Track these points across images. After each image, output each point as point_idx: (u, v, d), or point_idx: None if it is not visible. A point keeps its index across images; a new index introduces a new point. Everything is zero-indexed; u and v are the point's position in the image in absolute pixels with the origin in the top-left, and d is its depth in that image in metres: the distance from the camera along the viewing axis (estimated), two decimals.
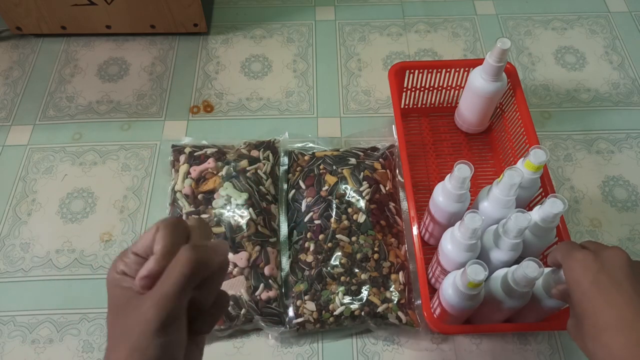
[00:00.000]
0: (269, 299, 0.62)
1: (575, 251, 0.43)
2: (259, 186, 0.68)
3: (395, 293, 0.62)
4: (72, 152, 0.79)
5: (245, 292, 0.62)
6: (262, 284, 0.62)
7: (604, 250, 0.42)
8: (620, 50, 0.90)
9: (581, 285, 0.41)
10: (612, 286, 0.39)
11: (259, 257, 0.64)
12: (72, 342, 0.64)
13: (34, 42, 0.91)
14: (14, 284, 0.68)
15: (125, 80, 0.86)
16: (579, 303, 0.41)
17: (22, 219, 0.73)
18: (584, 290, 0.40)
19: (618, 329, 0.37)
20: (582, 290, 0.40)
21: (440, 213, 0.61)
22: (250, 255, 0.64)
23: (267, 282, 0.63)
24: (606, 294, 0.39)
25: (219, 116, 0.82)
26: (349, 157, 0.72)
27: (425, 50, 0.90)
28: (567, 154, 0.78)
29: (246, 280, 0.62)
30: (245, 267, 0.63)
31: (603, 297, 0.39)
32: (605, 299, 0.39)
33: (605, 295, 0.39)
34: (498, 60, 0.66)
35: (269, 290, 0.62)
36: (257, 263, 0.64)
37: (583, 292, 0.40)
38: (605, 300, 0.39)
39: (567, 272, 0.43)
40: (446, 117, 0.80)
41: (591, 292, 0.40)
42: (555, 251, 0.47)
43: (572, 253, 0.43)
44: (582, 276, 0.41)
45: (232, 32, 0.92)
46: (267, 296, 0.62)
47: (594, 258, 0.41)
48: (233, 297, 0.61)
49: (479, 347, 0.63)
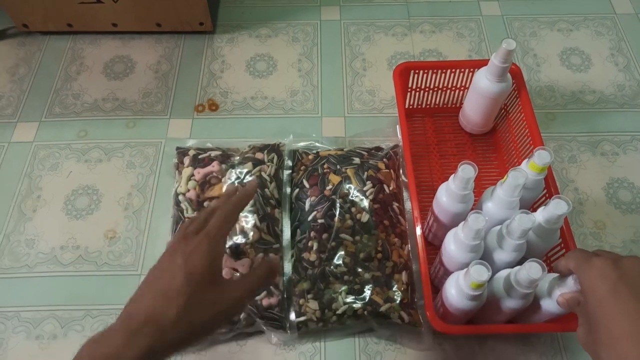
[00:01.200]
0: (270, 305, 0.62)
1: (593, 258, 0.43)
2: (263, 189, 0.68)
3: (398, 293, 0.62)
4: (77, 149, 0.79)
5: None
6: (264, 291, 0.62)
7: (622, 259, 0.42)
8: (626, 52, 0.89)
9: (598, 293, 0.40)
10: (631, 296, 0.39)
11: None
12: (76, 338, 0.64)
13: (41, 40, 0.91)
14: (18, 280, 0.68)
15: (131, 78, 0.87)
16: (595, 311, 0.40)
17: (27, 216, 0.73)
18: (601, 298, 0.40)
19: (636, 339, 0.37)
20: (598, 298, 0.40)
21: (444, 213, 0.61)
22: (252, 262, 0.63)
23: (268, 289, 0.63)
24: (624, 303, 0.39)
25: (224, 115, 0.83)
26: (353, 156, 0.72)
27: (430, 51, 0.90)
28: (572, 156, 0.78)
29: None
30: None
31: (621, 306, 0.39)
32: (624, 307, 0.39)
33: (623, 304, 0.39)
34: (503, 61, 0.65)
35: (271, 297, 0.62)
36: None
37: (599, 300, 0.40)
38: (624, 309, 0.39)
39: (583, 279, 0.42)
40: (450, 117, 0.80)
41: (609, 301, 0.39)
42: (567, 259, 0.46)
43: (590, 260, 0.43)
44: (600, 284, 0.40)
45: (237, 31, 0.93)
46: (268, 303, 0.62)
47: (613, 266, 0.41)
48: None
49: (481, 348, 0.63)
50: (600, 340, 0.40)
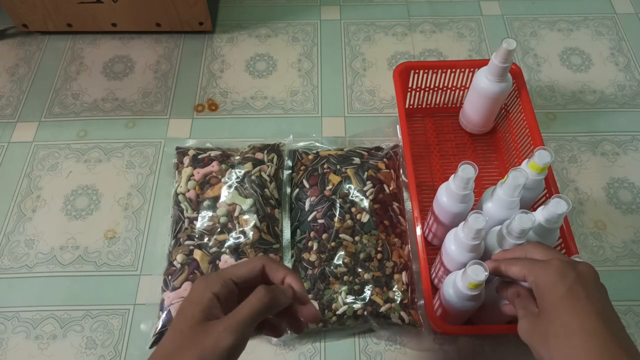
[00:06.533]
0: None
1: (554, 259, 0.46)
2: (263, 190, 0.68)
3: (398, 293, 0.62)
4: (77, 149, 0.79)
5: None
6: None
7: (577, 263, 0.46)
8: (627, 51, 0.89)
9: (558, 289, 0.44)
10: (586, 297, 0.43)
11: None
12: (76, 339, 0.64)
13: (40, 40, 0.91)
14: (18, 280, 0.68)
15: (131, 78, 0.87)
16: (552, 306, 0.44)
17: (26, 216, 0.73)
18: (560, 294, 0.43)
19: (589, 334, 0.41)
20: (558, 294, 0.43)
21: (444, 213, 0.61)
22: None
23: None
24: (579, 301, 0.43)
25: (224, 115, 0.82)
26: (353, 156, 0.72)
27: (431, 51, 0.90)
28: (572, 156, 0.78)
29: None
30: None
31: (576, 303, 0.43)
32: (579, 305, 0.43)
33: (578, 302, 0.43)
34: (503, 61, 0.65)
35: None
36: None
37: (559, 296, 0.43)
38: (578, 307, 0.42)
39: (541, 276, 0.45)
40: (451, 117, 0.80)
41: (567, 297, 0.43)
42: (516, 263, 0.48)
43: (547, 261, 0.46)
44: (560, 281, 0.44)
45: (237, 31, 0.92)
46: None
47: (571, 267, 0.45)
48: None
49: (481, 348, 0.63)
50: (553, 332, 0.43)
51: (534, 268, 0.46)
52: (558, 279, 0.44)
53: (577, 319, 0.42)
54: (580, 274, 0.44)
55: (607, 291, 0.45)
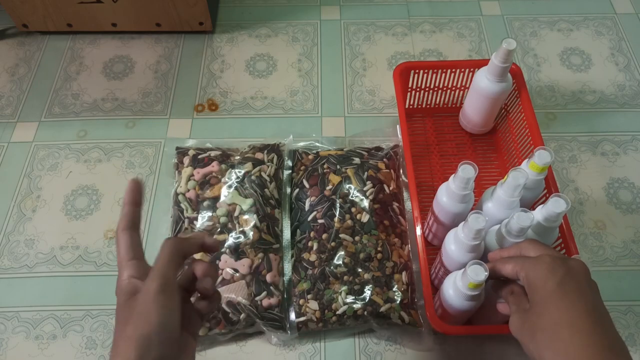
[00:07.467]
0: (270, 305, 0.62)
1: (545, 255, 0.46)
2: (263, 190, 0.68)
3: (398, 293, 0.62)
4: (77, 149, 0.79)
5: (246, 298, 0.62)
6: (265, 291, 0.62)
7: (568, 259, 0.46)
8: (627, 51, 0.89)
9: (548, 284, 0.44)
10: (576, 292, 0.43)
11: (261, 264, 0.63)
12: (76, 339, 0.64)
13: (40, 40, 0.91)
14: (18, 280, 0.68)
15: (131, 78, 0.87)
16: (542, 300, 0.44)
17: (26, 216, 0.73)
18: (550, 289, 0.43)
19: (578, 329, 0.41)
20: (548, 289, 0.44)
21: (444, 213, 0.61)
22: (252, 262, 0.63)
23: (268, 290, 0.62)
24: (569, 295, 0.43)
25: (224, 115, 0.82)
26: (353, 156, 0.72)
27: (431, 51, 0.90)
28: (572, 156, 0.78)
29: (247, 287, 0.62)
30: (247, 274, 0.63)
31: (566, 297, 0.43)
32: (569, 299, 0.43)
33: (568, 296, 0.43)
34: (503, 61, 0.65)
35: (271, 297, 0.62)
36: (259, 270, 0.63)
37: (550, 290, 0.43)
38: (568, 301, 0.43)
39: (532, 271, 0.45)
40: (451, 117, 0.80)
41: (557, 292, 0.43)
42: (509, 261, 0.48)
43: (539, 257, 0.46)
44: (551, 276, 0.44)
45: (237, 31, 0.92)
46: (268, 303, 0.62)
47: (561, 263, 0.45)
48: (233, 302, 0.61)
49: (481, 348, 0.63)
50: (541, 326, 0.43)
51: (525, 264, 0.46)
52: (548, 274, 0.44)
53: (566, 313, 0.42)
54: (571, 269, 0.44)
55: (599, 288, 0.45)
